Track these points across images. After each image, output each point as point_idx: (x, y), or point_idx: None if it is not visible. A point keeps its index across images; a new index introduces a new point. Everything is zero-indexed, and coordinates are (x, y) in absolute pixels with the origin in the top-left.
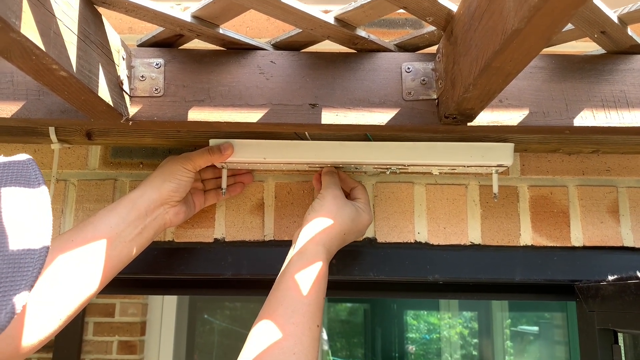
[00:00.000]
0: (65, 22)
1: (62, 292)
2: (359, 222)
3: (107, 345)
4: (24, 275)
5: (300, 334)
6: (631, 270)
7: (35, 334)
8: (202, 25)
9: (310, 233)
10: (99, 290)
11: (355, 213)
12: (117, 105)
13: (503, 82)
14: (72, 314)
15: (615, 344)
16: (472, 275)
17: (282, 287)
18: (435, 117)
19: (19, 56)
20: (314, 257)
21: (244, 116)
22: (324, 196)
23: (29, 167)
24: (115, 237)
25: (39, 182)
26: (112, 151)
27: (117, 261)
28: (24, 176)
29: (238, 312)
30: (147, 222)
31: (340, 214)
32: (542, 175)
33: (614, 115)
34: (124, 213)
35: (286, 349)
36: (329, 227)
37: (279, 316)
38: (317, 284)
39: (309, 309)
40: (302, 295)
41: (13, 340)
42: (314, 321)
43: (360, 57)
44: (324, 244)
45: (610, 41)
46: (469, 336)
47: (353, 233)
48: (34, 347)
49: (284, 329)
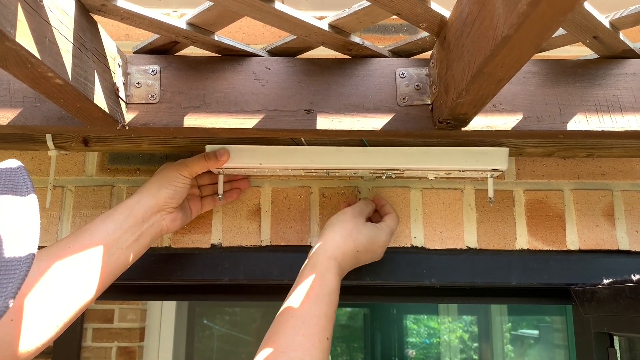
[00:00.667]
0: (61, 30)
1: (58, 298)
2: (375, 242)
3: (106, 351)
4: (7, 283)
5: (309, 346)
6: (627, 274)
7: (31, 340)
8: (197, 32)
9: (324, 248)
10: (96, 297)
11: (373, 233)
12: (113, 112)
13: (495, 87)
14: (68, 320)
15: (611, 347)
16: (469, 280)
17: (293, 300)
18: (429, 122)
19: (15, 64)
20: (325, 271)
21: (240, 122)
22: (344, 212)
23: (18, 175)
24: (112, 244)
25: (28, 190)
26: (109, 157)
27: (114, 267)
28: (13, 183)
29: (237, 317)
30: (144, 228)
31: (357, 231)
32: (538, 180)
33: (607, 120)
34: (121, 219)
35: (295, 359)
36: (342, 243)
37: (289, 328)
38: (327, 297)
39: (319, 322)
40: (312, 308)
41: (9, 347)
42: (324, 334)
43: (354, 63)
44: (336, 258)
45: (602, 46)
46: (469, 340)
47: (368, 253)
48: (31, 353)
49: (294, 340)
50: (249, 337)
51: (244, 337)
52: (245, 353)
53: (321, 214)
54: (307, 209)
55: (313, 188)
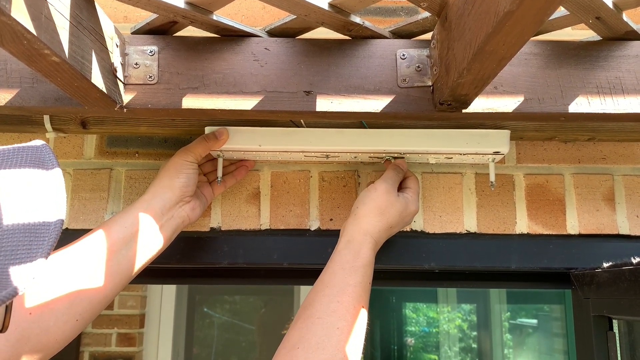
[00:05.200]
0: (57, 6)
1: (79, 293)
2: (406, 215)
3: (106, 338)
4: (40, 244)
5: (344, 312)
6: (627, 258)
7: (53, 334)
8: (195, 11)
9: (358, 224)
10: (116, 293)
11: (404, 207)
12: (111, 92)
13: (497, 66)
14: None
15: (610, 331)
16: (468, 264)
17: (329, 272)
18: (430, 104)
19: (10, 41)
20: (360, 245)
21: (239, 103)
22: (376, 188)
23: (43, 152)
24: (130, 238)
25: (53, 164)
26: (107, 140)
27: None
28: (40, 159)
29: (237, 305)
30: (164, 221)
31: (390, 207)
32: (538, 164)
33: (609, 102)
34: (139, 214)
35: (329, 324)
36: (377, 220)
37: (324, 296)
38: (362, 268)
39: (354, 290)
40: (347, 277)
41: (28, 341)
42: (358, 302)
43: (355, 44)
44: (372, 234)
45: (605, 27)
46: (467, 329)
47: (399, 225)
48: (53, 348)
49: (329, 307)
50: (249, 326)
51: (243, 325)
52: (246, 341)
53: (320, 197)
54: (307, 193)
55: (312, 172)
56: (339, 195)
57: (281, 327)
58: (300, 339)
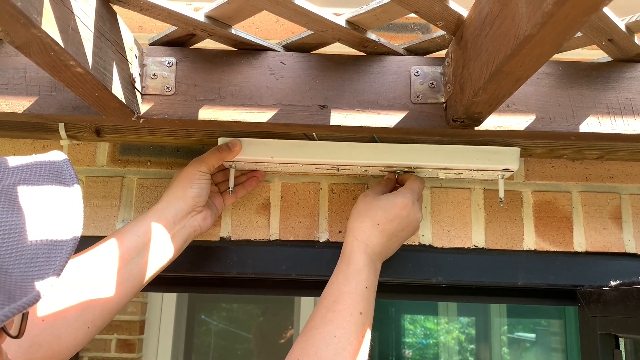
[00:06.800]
0: (83, 19)
1: (90, 302)
2: (393, 207)
3: (105, 344)
4: (58, 254)
5: (341, 319)
6: (633, 277)
7: (64, 341)
8: (215, 25)
9: (347, 234)
10: (127, 301)
11: (388, 200)
12: (129, 102)
13: (513, 86)
14: (100, 324)
15: (617, 349)
16: (475, 279)
17: (327, 284)
18: (442, 120)
19: (38, 52)
20: (350, 252)
21: (254, 116)
22: (357, 201)
23: (63, 167)
24: (143, 246)
25: (73, 181)
26: (120, 148)
27: (144, 271)
28: (60, 175)
29: (234, 313)
30: (176, 230)
31: (369, 207)
32: (546, 181)
33: (619, 122)
34: (151, 223)
35: (327, 333)
36: (359, 222)
37: (322, 307)
38: (355, 275)
39: (350, 297)
40: (342, 286)
41: (40, 348)
42: (355, 308)
43: (369, 59)
44: (358, 238)
45: (617, 49)
46: (465, 342)
47: (392, 221)
48: (64, 355)
49: (325, 317)
50: (248, 334)
51: (241, 333)
52: (242, 350)
53: (330, 209)
54: (316, 205)
55: (322, 184)
56: (348, 208)
57: (279, 335)
58: (301, 350)
